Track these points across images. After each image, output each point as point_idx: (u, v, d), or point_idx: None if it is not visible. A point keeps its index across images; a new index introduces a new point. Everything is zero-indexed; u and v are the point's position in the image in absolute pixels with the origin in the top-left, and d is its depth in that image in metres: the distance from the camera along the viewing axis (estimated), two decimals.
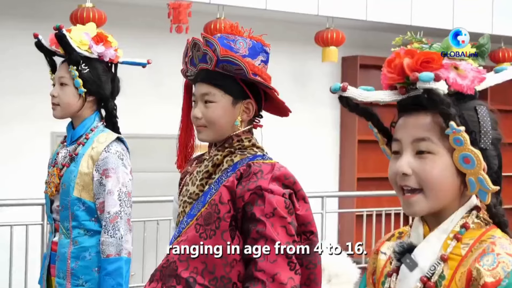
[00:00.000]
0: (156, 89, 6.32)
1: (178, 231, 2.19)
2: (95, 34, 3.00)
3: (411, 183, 1.44)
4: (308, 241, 2.15)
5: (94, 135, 2.97)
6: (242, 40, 2.20)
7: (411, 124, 1.46)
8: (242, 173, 2.12)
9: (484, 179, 1.40)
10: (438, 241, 1.45)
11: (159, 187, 5.79)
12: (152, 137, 6.50)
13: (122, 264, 2.86)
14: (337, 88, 1.46)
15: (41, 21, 5.59)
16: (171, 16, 5.71)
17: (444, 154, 1.43)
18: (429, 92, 1.39)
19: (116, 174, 2.90)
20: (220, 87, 2.17)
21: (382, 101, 1.48)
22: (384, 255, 1.60)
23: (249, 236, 2.07)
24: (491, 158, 1.46)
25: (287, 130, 6.62)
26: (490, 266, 1.36)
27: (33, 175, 4.60)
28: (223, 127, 2.19)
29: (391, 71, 1.47)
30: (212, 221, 2.09)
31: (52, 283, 2.98)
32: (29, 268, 5.16)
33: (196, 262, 2.08)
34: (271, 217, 2.05)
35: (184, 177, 2.33)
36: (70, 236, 2.90)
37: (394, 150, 1.50)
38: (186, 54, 2.25)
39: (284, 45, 7.10)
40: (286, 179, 2.12)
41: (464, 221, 1.46)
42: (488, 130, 1.46)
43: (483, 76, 1.47)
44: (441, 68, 1.42)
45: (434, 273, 1.42)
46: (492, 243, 1.40)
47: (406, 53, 1.45)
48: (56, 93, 2.97)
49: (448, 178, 1.43)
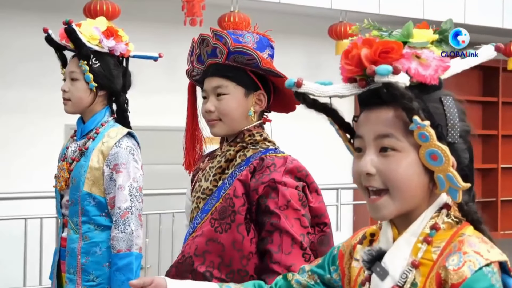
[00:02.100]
0: (170, 81, 6.32)
1: (193, 227, 2.20)
2: (105, 28, 2.99)
3: (376, 183, 1.33)
4: (322, 232, 2.15)
5: (104, 129, 2.96)
6: (250, 35, 2.21)
7: (373, 119, 1.35)
8: (256, 166, 2.12)
9: (453, 176, 1.29)
10: (407, 245, 1.36)
11: (174, 180, 5.82)
12: (167, 130, 6.51)
13: (132, 260, 2.86)
14: (292, 83, 1.35)
15: (54, 14, 5.60)
16: (185, 9, 5.70)
17: (410, 151, 1.32)
18: (388, 86, 1.28)
19: (127, 169, 2.89)
20: (232, 78, 2.16)
21: (341, 95, 1.35)
22: (357, 262, 1.50)
23: (263, 229, 2.07)
24: (460, 152, 1.36)
25: (302, 123, 6.60)
26: (455, 266, 1.26)
27: (47, 168, 4.60)
28: (237, 119, 2.18)
29: (348, 63, 1.35)
30: (227, 215, 2.10)
31: (62, 279, 2.97)
32: (44, 261, 5.15)
33: (212, 256, 2.09)
34: (285, 210, 2.06)
35: (197, 174, 2.33)
36: (79, 231, 2.89)
37: (357, 147, 1.40)
38: (192, 52, 2.25)
39: (297, 38, 7.09)
40: (298, 172, 2.13)
41: (434, 222, 1.35)
42: (455, 122, 1.35)
43: (447, 64, 1.35)
44: (401, 58, 1.31)
45: (406, 281, 1.33)
46: (460, 241, 1.30)
47: (364, 42, 1.34)
48: (67, 88, 2.96)
49: (415, 176, 1.32)
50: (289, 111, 2.33)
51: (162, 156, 6.18)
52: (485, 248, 1.28)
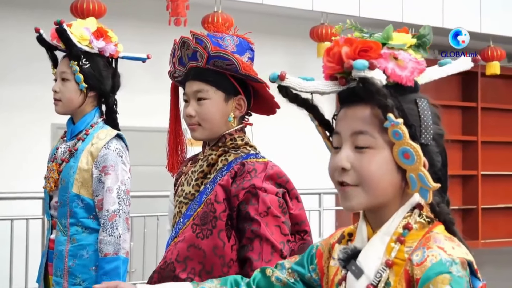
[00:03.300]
0: (155, 81, 6.32)
1: (175, 232, 2.18)
2: (95, 29, 2.96)
3: (349, 179, 1.36)
4: (302, 240, 2.14)
5: (94, 131, 2.94)
6: (229, 38, 2.19)
7: (350, 116, 1.38)
8: (236, 171, 2.12)
9: (424, 176, 1.31)
10: (381, 244, 1.37)
11: (158, 182, 5.74)
12: (155, 130, 6.49)
13: (119, 264, 2.83)
14: (275, 76, 1.38)
15: (41, 11, 5.64)
16: (169, 8, 5.73)
17: (384, 148, 1.34)
18: (364, 81, 1.31)
19: (115, 171, 2.87)
20: (212, 83, 2.16)
21: (322, 91, 1.39)
22: (335, 261, 1.51)
23: (244, 236, 2.06)
24: (433, 154, 1.38)
25: (283, 127, 6.67)
26: (419, 261, 1.29)
27: (33, 168, 4.60)
28: (216, 124, 2.18)
29: (330, 60, 1.38)
30: (209, 220, 2.09)
31: (49, 282, 2.94)
32: (30, 262, 5.12)
33: (194, 263, 2.08)
34: (265, 216, 2.05)
35: (179, 178, 2.31)
36: (67, 233, 2.87)
37: (334, 144, 1.42)
38: (173, 54, 2.23)
39: (279, 40, 7.15)
40: (279, 178, 2.12)
41: (406, 222, 1.37)
42: (429, 124, 1.37)
43: (422, 67, 1.40)
44: (380, 58, 1.35)
45: (380, 280, 1.35)
46: (427, 238, 1.33)
47: (345, 41, 1.37)
48: (58, 88, 2.94)
49: (386, 174, 1.34)
50: (270, 114, 2.32)
51: (146, 157, 6.16)
52: (450, 245, 1.30)
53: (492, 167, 9.50)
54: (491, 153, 9.49)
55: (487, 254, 8.42)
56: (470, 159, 9.06)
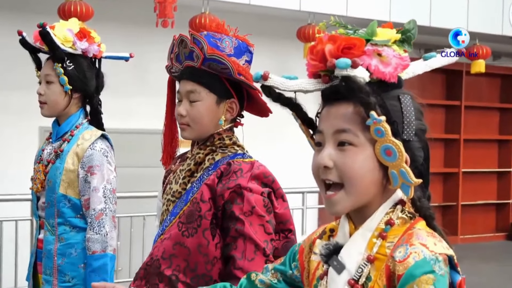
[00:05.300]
0: (142, 83, 6.34)
1: (162, 229, 2.20)
2: (78, 30, 2.97)
3: (332, 176, 1.36)
4: (286, 239, 2.16)
5: (79, 132, 2.97)
6: (228, 39, 2.19)
7: (332, 114, 1.38)
8: (223, 171, 2.12)
9: (406, 171, 1.31)
10: (363, 240, 1.38)
11: (145, 182, 5.76)
12: (139, 132, 6.49)
13: (107, 261, 2.88)
14: (258, 76, 1.39)
15: (28, 16, 5.63)
16: (157, 10, 5.74)
17: (367, 146, 1.35)
18: (347, 79, 1.31)
19: (101, 171, 2.90)
20: (206, 85, 2.16)
21: (305, 90, 1.39)
22: (316, 256, 1.52)
23: (228, 234, 2.07)
24: (415, 150, 1.39)
25: (268, 126, 6.67)
26: (402, 258, 1.29)
27: (21, 170, 4.61)
28: (206, 126, 2.19)
29: (313, 58, 1.38)
30: (194, 219, 2.10)
31: (39, 280, 2.99)
32: (19, 263, 5.18)
33: (178, 260, 2.09)
34: (249, 216, 2.06)
35: (168, 176, 2.33)
36: (55, 233, 2.90)
37: (317, 142, 1.42)
38: (172, 50, 2.24)
39: (266, 40, 7.15)
40: (265, 178, 2.13)
41: (389, 217, 1.38)
42: (411, 120, 1.37)
43: (406, 63, 1.39)
44: (363, 55, 1.35)
45: (361, 275, 1.35)
46: (409, 234, 1.33)
47: (329, 39, 1.37)
48: (43, 91, 2.95)
49: (369, 171, 1.35)
50: (263, 116, 2.33)
51: (134, 159, 6.19)
52: (432, 241, 1.30)
53: (473, 165, 9.57)
54: (473, 151, 9.55)
55: (466, 249, 8.52)
56: (452, 157, 9.14)
